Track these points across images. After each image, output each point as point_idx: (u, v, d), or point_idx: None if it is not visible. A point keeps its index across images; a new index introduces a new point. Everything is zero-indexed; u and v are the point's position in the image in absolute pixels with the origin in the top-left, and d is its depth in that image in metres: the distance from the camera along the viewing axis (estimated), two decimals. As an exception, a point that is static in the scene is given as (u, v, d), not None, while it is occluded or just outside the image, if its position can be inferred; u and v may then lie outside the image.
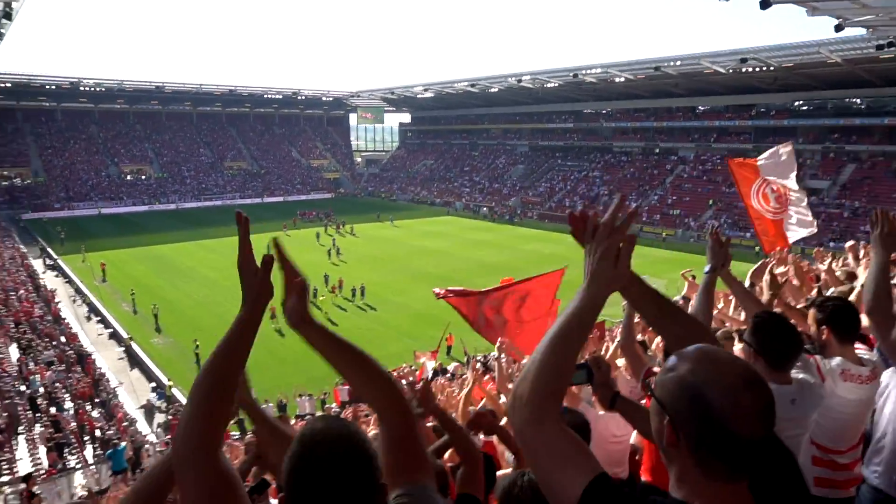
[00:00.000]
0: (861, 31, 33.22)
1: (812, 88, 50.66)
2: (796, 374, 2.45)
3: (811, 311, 2.92)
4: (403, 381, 2.62)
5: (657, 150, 63.95)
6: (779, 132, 52.93)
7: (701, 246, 44.72)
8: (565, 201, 62.14)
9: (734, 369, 1.13)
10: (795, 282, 5.53)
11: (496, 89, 71.16)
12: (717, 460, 1.10)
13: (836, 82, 48.07)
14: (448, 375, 18.76)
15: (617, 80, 59.39)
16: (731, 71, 49.79)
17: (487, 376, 9.58)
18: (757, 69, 48.89)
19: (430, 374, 19.12)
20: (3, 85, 66.84)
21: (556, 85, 65.20)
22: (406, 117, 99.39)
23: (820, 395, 2.45)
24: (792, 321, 2.52)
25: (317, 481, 1.17)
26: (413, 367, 21.76)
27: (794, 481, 1.39)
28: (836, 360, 2.76)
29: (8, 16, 27.48)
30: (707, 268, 2.58)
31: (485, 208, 64.59)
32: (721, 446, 1.08)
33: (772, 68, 47.56)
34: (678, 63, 51.83)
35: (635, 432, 3.90)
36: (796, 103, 53.90)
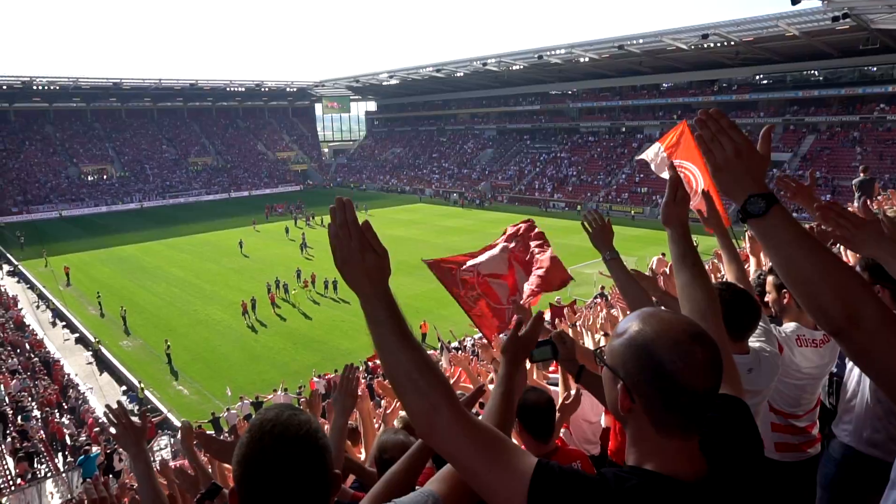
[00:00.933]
0: (817, 4, 33.84)
1: (772, 62, 51.52)
2: (753, 343, 2.45)
3: (769, 278, 2.92)
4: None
5: (623, 129, 64.48)
6: (741, 106, 53.84)
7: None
8: (535, 183, 62.41)
9: (679, 325, 1.15)
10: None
11: (462, 74, 70.85)
12: (670, 415, 1.12)
13: (794, 55, 48.97)
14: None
15: (581, 60, 59.55)
16: (693, 47, 50.28)
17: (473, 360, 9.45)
18: (719, 44, 49.44)
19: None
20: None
21: (522, 67, 65.13)
22: (372, 105, 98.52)
23: (777, 364, 2.46)
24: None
25: (266, 470, 1.14)
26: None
27: (748, 440, 1.37)
28: (791, 326, 2.78)
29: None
30: (606, 254, 2.54)
31: (455, 194, 64.54)
32: (674, 401, 1.11)
33: (733, 43, 48.16)
34: (641, 41, 52.12)
35: (603, 414, 3.93)
36: (757, 77, 54.77)
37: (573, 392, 3.19)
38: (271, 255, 39.28)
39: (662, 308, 1.33)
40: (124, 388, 21.88)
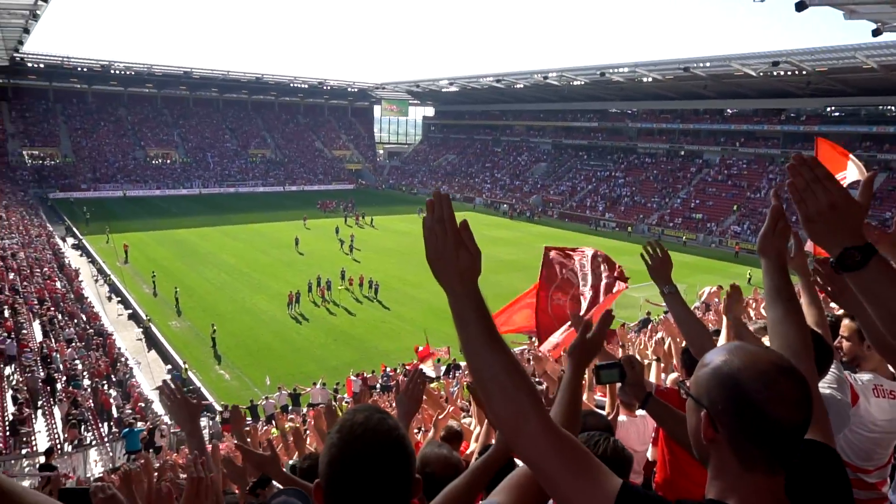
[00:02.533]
0: (899, 37, 32.43)
1: (845, 94, 49.58)
2: (823, 389, 2.33)
3: (846, 322, 2.79)
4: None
5: (682, 153, 63.13)
6: (809, 138, 51.88)
7: (723, 252, 44.17)
8: (587, 201, 61.69)
9: (768, 357, 1.13)
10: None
11: (522, 85, 70.83)
12: (755, 448, 1.09)
13: (870, 88, 46.96)
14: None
15: (644, 79, 58.70)
16: (761, 74, 48.92)
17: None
18: (789, 73, 47.97)
19: (436, 373, 19.11)
20: (36, 66, 67.93)
21: (583, 83, 64.64)
22: (430, 111, 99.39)
23: (847, 413, 2.35)
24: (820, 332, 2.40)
25: (355, 473, 1.18)
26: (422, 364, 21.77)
27: (837, 491, 1.34)
28: (868, 376, 2.65)
29: (43, -3, 27.91)
30: (665, 288, 2.45)
31: (505, 205, 64.36)
32: (759, 433, 1.08)
33: (804, 72, 46.62)
34: (708, 64, 51.05)
35: (650, 447, 3.82)
36: (828, 109, 52.82)
37: (613, 416, 3.12)
38: (320, 251, 39.95)
39: (750, 343, 1.29)
40: (169, 366, 22.58)
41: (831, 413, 2.27)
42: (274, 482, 2.36)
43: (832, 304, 3.15)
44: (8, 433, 13.89)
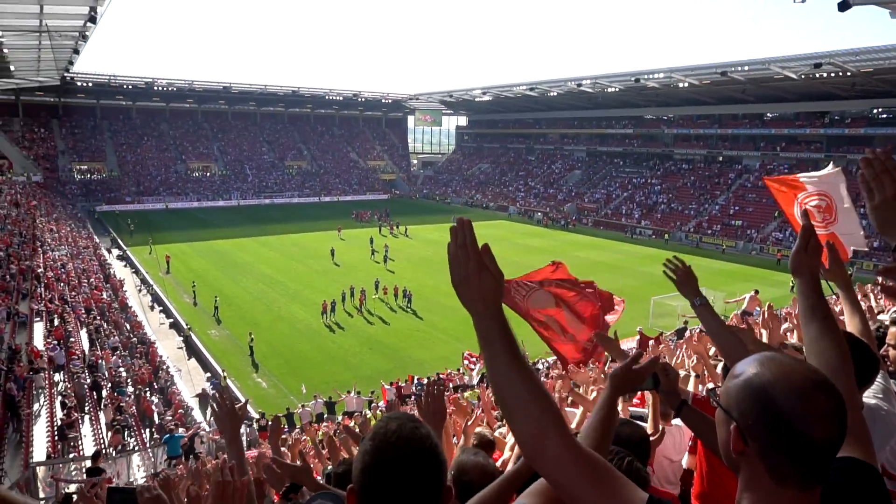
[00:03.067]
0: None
1: (892, 95, 47.93)
2: (868, 399, 2.25)
3: (893, 330, 2.69)
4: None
5: (720, 159, 61.88)
6: (854, 141, 50.42)
7: (763, 259, 43.06)
8: (622, 208, 60.93)
9: (801, 371, 1.10)
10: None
11: (555, 93, 70.51)
12: (788, 463, 1.06)
13: (919, 90, 45.37)
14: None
15: (680, 85, 57.82)
16: (803, 77, 47.69)
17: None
18: (832, 74, 46.64)
19: (475, 381, 19.06)
20: (85, 84, 70.62)
21: (617, 90, 64.03)
22: (463, 120, 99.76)
23: (894, 424, 2.25)
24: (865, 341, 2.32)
25: (388, 481, 1.20)
26: (461, 372, 21.74)
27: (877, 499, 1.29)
28: None
29: (93, 19, 28.96)
30: (696, 301, 2.43)
31: (539, 213, 64.03)
32: (791, 448, 1.06)
33: (849, 74, 45.29)
34: (746, 68, 50.01)
35: (687, 455, 3.76)
36: (875, 111, 51.15)
37: (660, 427, 3.08)
38: (355, 261, 40.34)
39: (783, 354, 1.26)
40: (208, 374, 23.05)
41: (877, 424, 2.20)
42: (303, 489, 2.43)
43: (879, 317, 3.05)
44: (57, 437, 14.36)
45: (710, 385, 4.20)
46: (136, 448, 16.02)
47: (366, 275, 35.14)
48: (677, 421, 3.70)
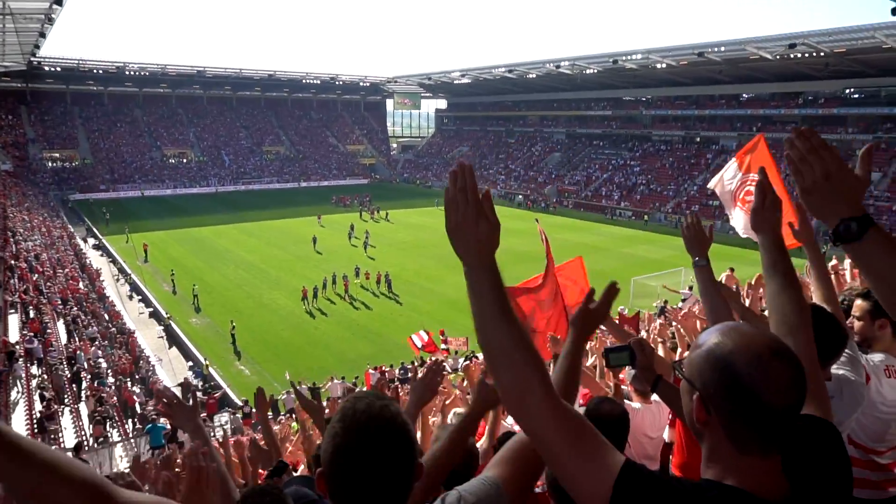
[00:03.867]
0: (920, 16, 31.72)
1: (865, 76, 48.64)
2: (837, 370, 2.32)
3: (858, 303, 2.76)
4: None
5: (698, 139, 62.44)
6: (828, 121, 51.12)
7: (742, 239, 43.59)
8: (602, 190, 61.27)
9: (761, 339, 1.11)
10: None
11: (534, 75, 70.40)
12: (748, 430, 1.09)
13: (891, 69, 46.00)
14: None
15: (658, 66, 58.05)
16: (778, 57, 48.15)
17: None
18: (806, 55, 47.14)
19: (459, 365, 19.18)
20: (53, 69, 68.84)
21: (596, 71, 64.11)
22: (442, 103, 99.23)
23: (861, 394, 2.33)
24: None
25: (359, 460, 1.18)
26: (440, 359, 21.85)
27: (836, 465, 1.34)
28: (880, 356, 2.62)
29: (58, 1, 28.22)
30: (698, 260, 2.42)
31: (520, 196, 64.17)
32: (751, 415, 1.08)
33: (822, 54, 45.82)
34: (723, 49, 50.36)
35: (667, 428, 3.85)
36: (847, 91, 51.88)
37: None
38: (336, 247, 40.11)
39: (744, 323, 1.29)
40: (190, 363, 22.89)
41: (845, 394, 2.27)
42: (291, 468, 2.43)
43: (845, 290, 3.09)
44: (36, 430, 14.21)
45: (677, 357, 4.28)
46: (119, 439, 15.92)
47: (347, 261, 35.02)
48: (655, 397, 3.79)
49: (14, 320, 21.11)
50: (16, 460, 1.02)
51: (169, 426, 15.28)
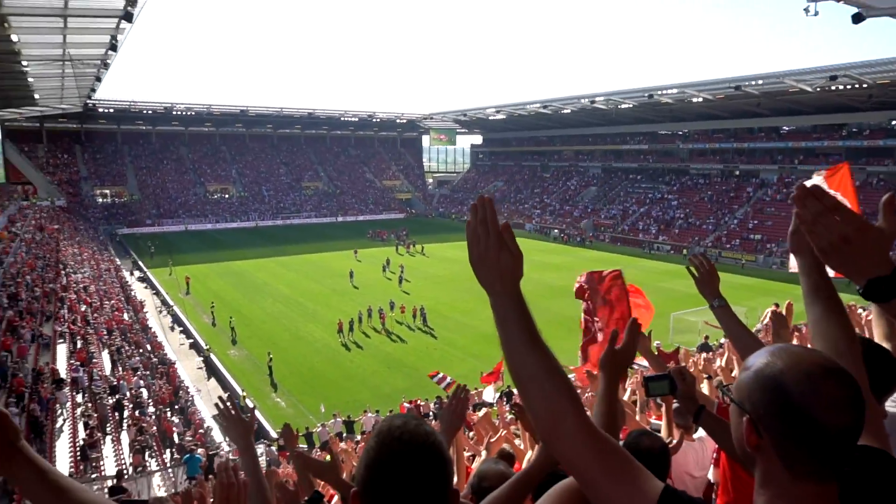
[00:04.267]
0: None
1: (911, 107, 47.44)
2: (891, 407, 2.22)
3: None
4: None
5: (737, 173, 61.45)
6: (874, 153, 49.87)
7: (784, 273, 42.42)
8: (639, 224, 60.60)
9: (812, 358, 1.07)
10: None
11: (569, 111, 70.66)
12: (801, 453, 1.03)
13: (938, 100, 44.88)
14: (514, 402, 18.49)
15: (694, 100, 57.70)
16: (818, 89, 47.37)
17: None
18: (848, 87, 46.28)
19: (494, 399, 18.93)
20: (106, 110, 72.13)
21: (631, 106, 64.04)
22: (478, 139, 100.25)
23: (916, 433, 2.22)
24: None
25: (392, 478, 1.16)
26: (478, 391, 21.63)
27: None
28: None
29: (114, 48, 29.69)
30: (714, 302, 2.39)
31: (556, 230, 63.89)
32: (804, 437, 1.02)
33: (865, 85, 44.93)
34: (760, 82, 49.78)
35: (712, 468, 3.71)
36: (893, 122, 50.58)
37: (675, 433, 3.04)
38: (371, 281, 40.44)
39: (793, 344, 1.24)
40: (227, 394, 23.12)
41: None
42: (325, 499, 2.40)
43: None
44: (79, 457, 14.49)
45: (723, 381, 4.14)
46: (157, 468, 16.10)
47: (383, 294, 35.23)
48: (700, 434, 3.67)
49: (62, 350, 21.79)
50: (57, 499, 1.07)
51: (205, 458, 15.42)
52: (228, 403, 2.58)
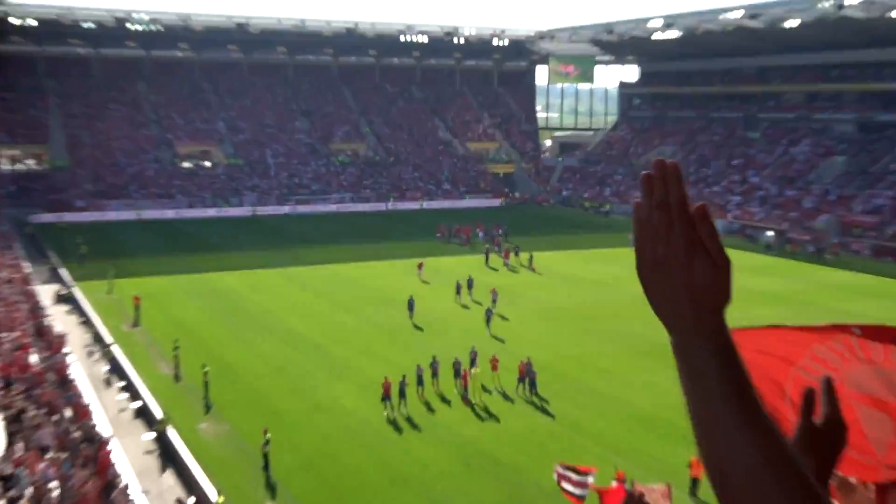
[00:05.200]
0: None
1: None
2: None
3: None
4: None
5: None
6: None
7: None
8: (925, 225, 57.68)
9: None
10: None
11: (795, 23, 68.41)
12: None
13: None
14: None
15: None
16: None
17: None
18: None
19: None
20: (22, 23, 74.87)
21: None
22: (632, 73, 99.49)
23: None
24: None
25: None
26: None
27: None
28: None
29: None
30: None
31: (769, 232, 61.95)
32: None
33: None
34: None
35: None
36: None
37: None
38: (441, 313, 39.99)
39: None
40: (193, 499, 23.04)
41: None
42: None
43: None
44: None
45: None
46: None
47: (461, 337, 34.67)
48: None
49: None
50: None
51: None
52: None
